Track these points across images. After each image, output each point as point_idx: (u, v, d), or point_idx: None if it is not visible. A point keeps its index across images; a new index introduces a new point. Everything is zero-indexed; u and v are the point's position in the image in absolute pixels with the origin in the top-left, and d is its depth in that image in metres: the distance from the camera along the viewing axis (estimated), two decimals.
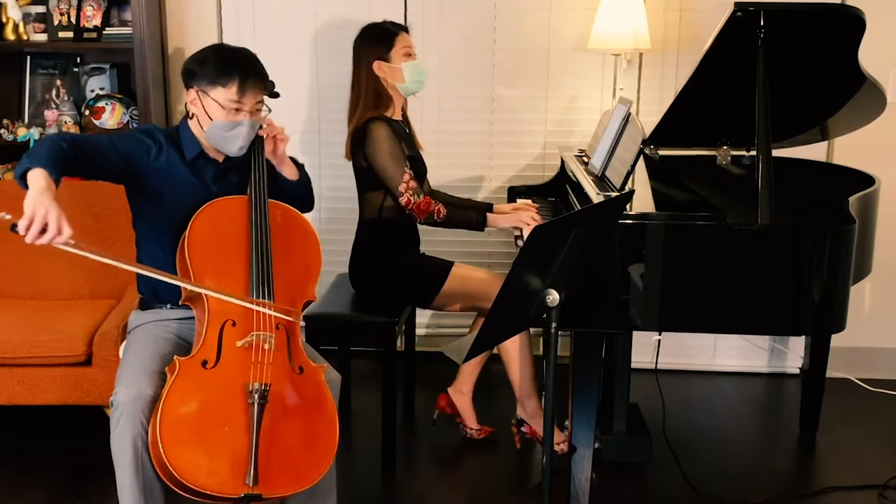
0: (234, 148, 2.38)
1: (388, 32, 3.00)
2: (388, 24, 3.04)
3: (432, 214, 2.90)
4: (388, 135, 2.90)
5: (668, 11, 3.65)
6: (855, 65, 2.73)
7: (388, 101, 3.00)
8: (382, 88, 2.99)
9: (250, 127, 2.37)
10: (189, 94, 2.38)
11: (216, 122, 2.34)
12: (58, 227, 1.97)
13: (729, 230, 2.43)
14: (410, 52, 3.00)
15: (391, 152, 2.89)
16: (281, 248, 2.37)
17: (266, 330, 2.22)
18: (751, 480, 2.97)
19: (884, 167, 3.27)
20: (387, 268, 3.00)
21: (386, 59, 2.96)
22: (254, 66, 2.37)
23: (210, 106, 2.34)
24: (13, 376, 2.94)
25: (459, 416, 3.21)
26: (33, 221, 1.95)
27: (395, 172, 2.88)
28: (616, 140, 2.91)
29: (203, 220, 2.32)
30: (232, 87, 2.31)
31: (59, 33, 3.63)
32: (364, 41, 3.01)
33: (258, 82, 2.36)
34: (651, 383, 3.46)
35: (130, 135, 2.42)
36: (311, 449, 2.18)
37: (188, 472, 2.03)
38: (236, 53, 2.39)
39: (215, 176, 2.44)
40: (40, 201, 1.97)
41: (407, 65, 2.96)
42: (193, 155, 2.42)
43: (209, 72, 2.32)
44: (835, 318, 2.51)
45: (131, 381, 2.16)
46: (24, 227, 1.95)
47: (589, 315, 2.48)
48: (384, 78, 2.97)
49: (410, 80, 2.98)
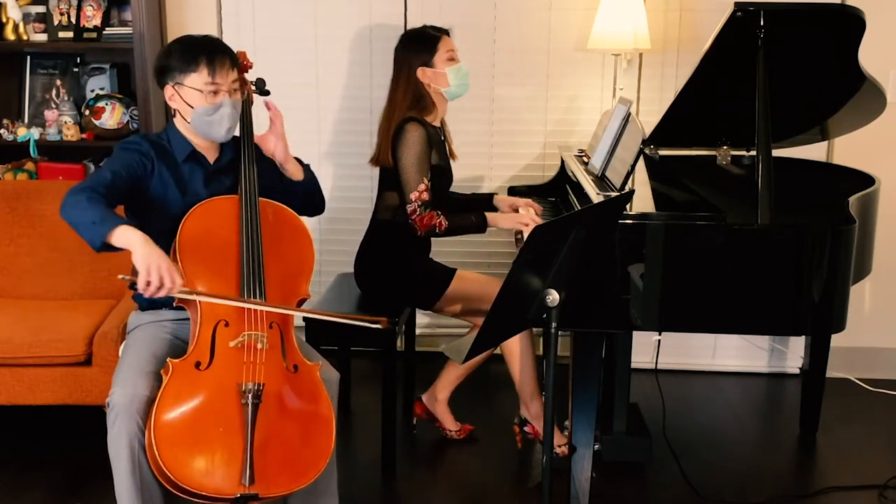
0: (221, 131, 2.38)
1: (431, 38, 2.99)
2: (429, 29, 3.03)
3: (433, 228, 2.89)
4: (422, 139, 2.89)
5: (668, 11, 3.65)
6: (855, 65, 2.73)
7: (430, 106, 3.00)
8: (425, 93, 2.98)
9: (232, 107, 2.37)
10: (166, 91, 2.38)
11: (198, 109, 2.34)
12: (171, 279, 2.06)
13: (729, 230, 2.43)
14: (454, 55, 3.00)
15: (418, 157, 2.88)
16: (273, 247, 2.36)
17: (258, 329, 2.22)
18: (751, 480, 2.97)
19: (884, 167, 3.27)
20: (395, 269, 3.01)
21: (430, 65, 2.96)
22: (218, 45, 2.38)
23: (188, 95, 2.34)
24: (13, 376, 2.94)
25: (438, 422, 3.22)
26: (151, 280, 2.04)
27: (413, 179, 2.88)
28: (616, 140, 2.91)
29: (193, 220, 2.31)
30: (203, 70, 2.31)
31: (59, 33, 3.63)
32: (406, 48, 3.00)
33: (226, 59, 2.36)
34: (651, 383, 3.46)
35: (119, 156, 2.36)
36: (307, 447, 2.18)
37: (184, 473, 2.04)
38: (197, 38, 2.40)
39: (206, 180, 2.43)
40: (152, 257, 2.06)
41: (451, 69, 2.97)
42: (185, 155, 2.41)
43: (176, 62, 2.34)
44: (835, 318, 2.51)
45: (127, 381, 2.17)
46: (144, 286, 2.05)
47: (589, 315, 2.48)
48: (428, 84, 2.97)
49: (455, 83, 2.98)
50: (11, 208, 3.39)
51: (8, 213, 3.38)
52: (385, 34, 3.72)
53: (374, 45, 3.74)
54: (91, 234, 2.07)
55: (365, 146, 3.82)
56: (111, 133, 3.59)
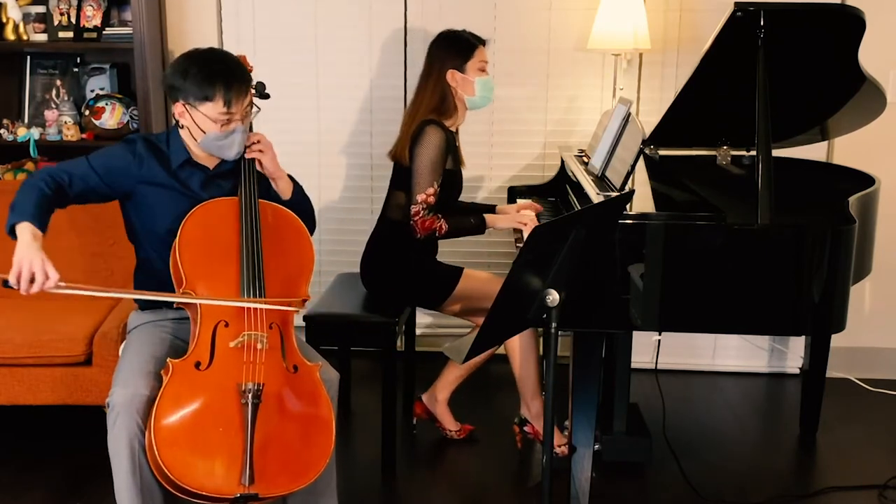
0: (231, 154, 2.38)
1: (469, 44, 3.00)
2: (468, 35, 3.03)
3: (433, 232, 2.90)
4: (440, 143, 2.89)
5: (668, 11, 3.65)
6: (855, 65, 2.73)
7: (451, 110, 3.00)
8: (450, 96, 2.99)
9: (243, 132, 2.36)
10: (176, 107, 2.34)
11: (210, 135, 2.33)
12: (44, 273, 2.10)
13: (729, 230, 2.43)
14: (485, 66, 3.01)
15: (433, 161, 2.88)
16: (273, 248, 2.36)
17: (258, 329, 2.22)
18: (751, 480, 2.97)
19: (884, 167, 3.27)
20: (403, 268, 3.01)
21: (461, 70, 2.97)
22: (237, 73, 2.32)
23: (200, 120, 2.31)
24: (13, 376, 2.94)
25: (438, 422, 3.22)
26: (21, 274, 2.09)
27: (425, 181, 2.88)
28: (616, 140, 2.91)
29: (193, 222, 2.31)
30: (219, 101, 2.28)
31: (59, 33, 3.63)
32: (442, 47, 3.01)
33: (243, 87, 2.32)
34: (651, 383, 3.46)
35: (110, 151, 2.40)
36: (307, 448, 2.18)
37: (184, 473, 2.04)
38: (216, 62, 2.32)
39: (205, 183, 2.43)
40: (25, 254, 2.11)
41: (480, 79, 2.98)
42: (179, 162, 2.40)
43: (193, 87, 2.28)
44: (835, 318, 2.51)
45: (127, 381, 2.17)
46: (15, 280, 2.10)
47: (589, 315, 2.48)
48: (455, 88, 2.98)
49: (480, 94, 2.99)
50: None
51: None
52: (385, 34, 3.72)
53: (374, 45, 3.74)
54: (8, 219, 2.19)
55: (365, 146, 3.83)
56: (111, 133, 3.59)
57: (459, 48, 2.99)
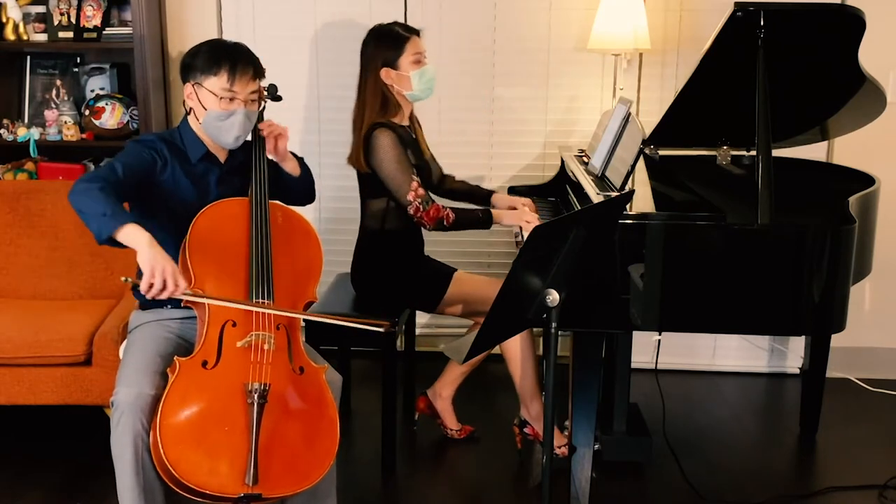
0: (230, 138, 2.39)
1: (398, 37, 2.88)
2: (398, 28, 2.91)
3: (441, 221, 2.84)
4: (394, 143, 2.83)
5: (668, 11, 3.65)
6: (855, 65, 2.73)
7: (395, 107, 2.92)
8: (390, 94, 2.90)
9: (245, 117, 2.37)
10: (186, 88, 2.41)
11: (210, 112, 2.36)
12: (175, 282, 2.07)
13: (729, 230, 2.43)
14: (420, 58, 2.89)
15: (398, 161, 2.82)
16: (282, 249, 2.37)
17: (266, 330, 2.23)
18: (751, 480, 2.97)
19: (884, 167, 3.27)
20: (390, 276, 2.98)
21: (394, 67, 2.87)
22: (245, 55, 2.40)
23: (204, 97, 2.36)
24: (13, 376, 2.94)
25: (440, 418, 3.21)
26: (154, 285, 2.05)
27: (403, 182, 2.82)
28: (616, 140, 2.91)
29: (204, 221, 2.32)
30: (223, 75, 2.33)
31: (59, 33, 3.63)
32: (371, 45, 2.91)
33: (249, 69, 2.37)
34: (651, 383, 3.46)
35: (134, 151, 2.36)
36: (311, 449, 2.18)
37: (188, 471, 2.03)
38: (228, 44, 2.43)
39: (219, 180, 2.45)
40: (157, 261, 2.05)
41: (415, 73, 2.87)
42: (199, 156, 2.43)
43: (201, 62, 2.36)
44: (835, 318, 2.51)
45: (132, 380, 2.17)
46: (146, 289, 2.06)
47: (589, 315, 2.48)
48: (391, 84, 2.89)
49: (418, 88, 2.89)
50: (11, 208, 3.39)
51: (8, 213, 3.38)
52: None
53: None
54: (99, 225, 2.07)
55: None
56: (111, 133, 3.59)
57: (389, 43, 2.88)
